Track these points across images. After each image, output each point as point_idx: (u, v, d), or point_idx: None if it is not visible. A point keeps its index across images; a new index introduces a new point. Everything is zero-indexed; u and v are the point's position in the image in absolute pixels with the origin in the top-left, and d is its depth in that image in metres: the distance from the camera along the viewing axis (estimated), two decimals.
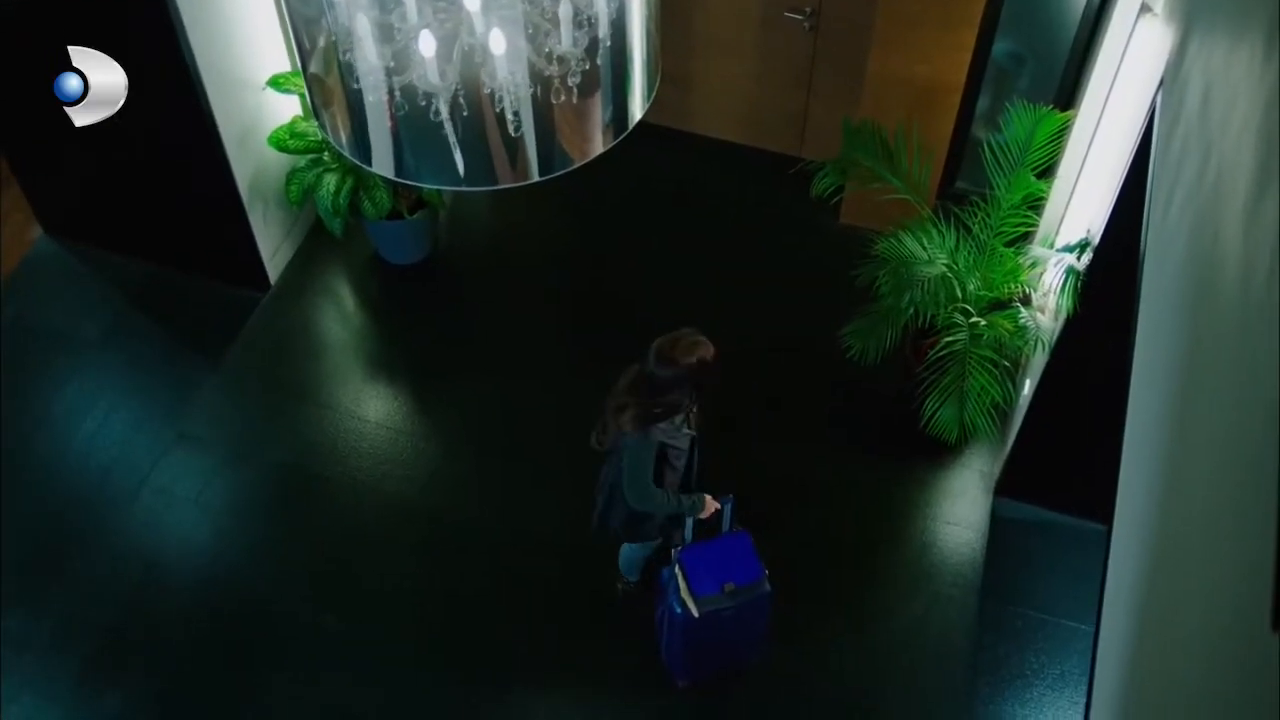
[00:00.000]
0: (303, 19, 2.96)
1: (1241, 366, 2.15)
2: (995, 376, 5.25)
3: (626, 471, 4.55)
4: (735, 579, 4.82)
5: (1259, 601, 1.66)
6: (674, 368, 4.39)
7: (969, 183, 6.38)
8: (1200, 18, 3.50)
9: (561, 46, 2.68)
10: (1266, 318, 1.97)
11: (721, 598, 4.80)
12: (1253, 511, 1.83)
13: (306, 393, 6.25)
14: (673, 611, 4.91)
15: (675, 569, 4.89)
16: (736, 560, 4.87)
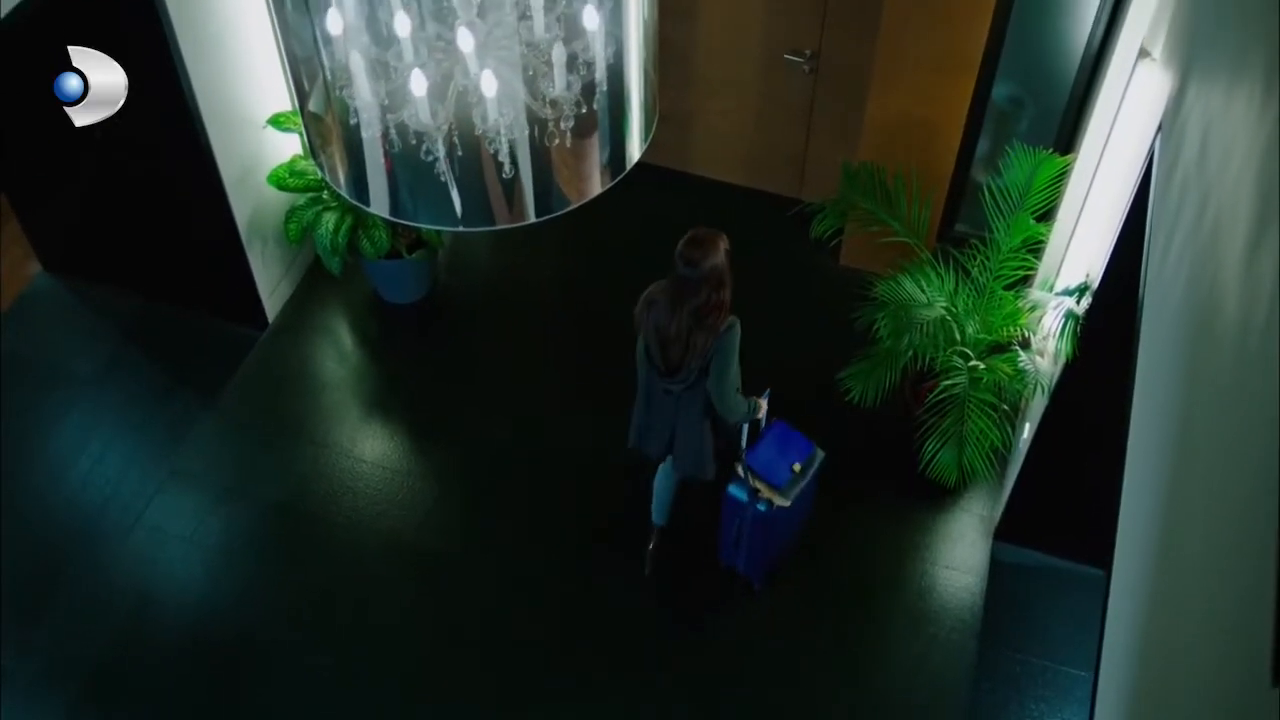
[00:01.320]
0: (299, 56, 2.97)
1: (1240, 411, 2.14)
2: (994, 420, 5.23)
3: (719, 376, 4.75)
4: (797, 459, 5.27)
5: (1259, 653, 1.64)
6: (714, 257, 4.62)
7: (969, 225, 6.39)
8: (1198, 63, 3.51)
9: (555, 90, 2.68)
10: (1264, 363, 1.96)
11: (797, 479, 5.24)
12: (1252, 558, 1.81)
13: (302, 431, 6.23)
14: (757, 516, 5.26)
15: (746, 478, 5.21)
16: (788, 445, 5.31)
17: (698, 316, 4.68)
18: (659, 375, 4.93)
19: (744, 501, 5.27)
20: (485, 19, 2.70)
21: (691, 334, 4.71)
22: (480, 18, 2.70)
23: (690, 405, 4.93)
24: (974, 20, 5.48)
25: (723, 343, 4.70)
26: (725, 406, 4.86)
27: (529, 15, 2.68)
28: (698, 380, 4.84)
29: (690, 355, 4.76)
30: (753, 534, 5.36)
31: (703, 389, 4.87)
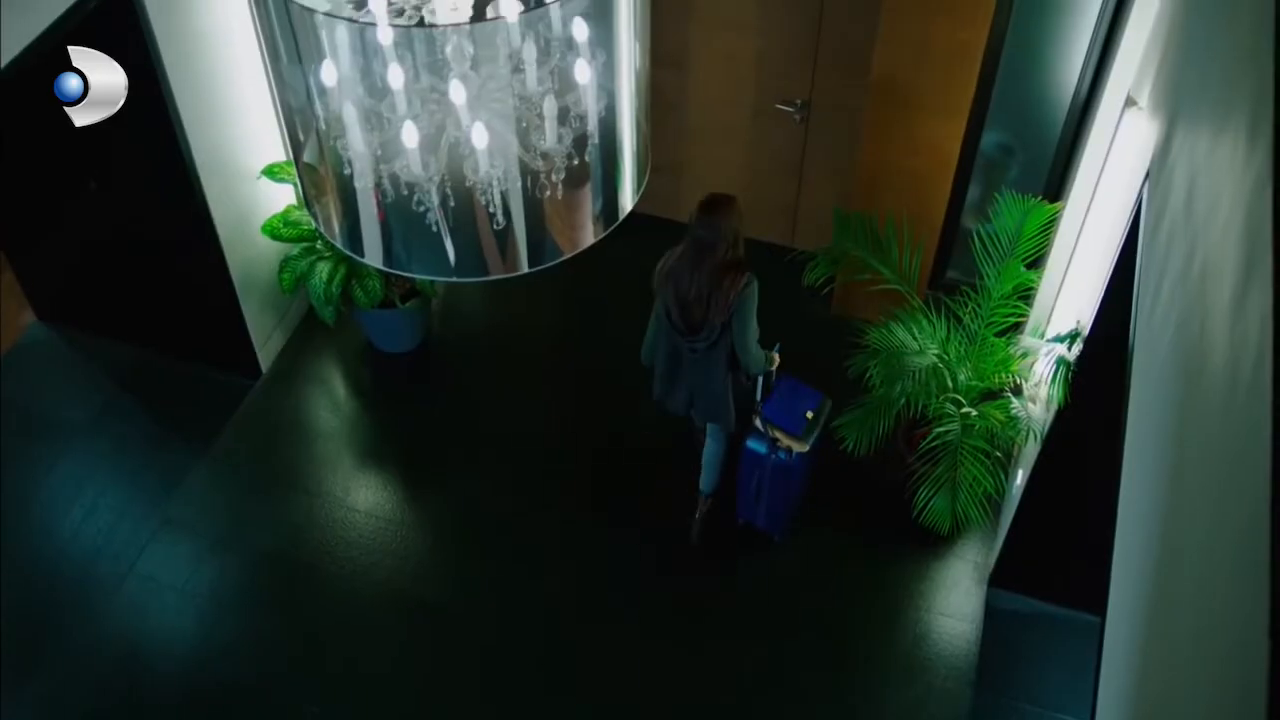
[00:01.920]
0: (294, 107, 2.99)
1: (1230, 457, 2.14)
2: (987, 467, 5.23)
3: (742, 331, 5.05)
4: (809, 408, 5.52)
5: (1254, 700, 1.64)
6: (728, 219, 4.95)
7: (959, 272, 6.41)
8: (1184, 112, 3.54)
9: (547, 143, 2.71)
10: (1253, 410, 1.97)
11: (812, 425, 5.49)
12: (1245, 604, 1.81)
13: (296, 480, 6.22)
14: (777, 465, 5.56)
15: (765, 429, 5.50)
16: (798, 396, 5.57)
17: (716, 276, 4.97)
18: (681, 336, 5.18)
19: (764, 453, 5.55)
20: (479, 71, 2.73)
21: (712, 294, 4.99)
22: (474, 70, 2.73)
23: (714, 362, 5.21)
24: (963, 69, 5.53)
25: (743, 299, 4.98)
26: (749, 359, 5.17)
27: (522, 68, 2.71)
28: (720, 338, 5.11)
29: (712, 314, 5.03)
30: (773, 485, 5.65)
31: (724, 346, 5.14)
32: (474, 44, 2.72)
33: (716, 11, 6.26)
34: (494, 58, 2.73)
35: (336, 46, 2.78)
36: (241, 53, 5.75)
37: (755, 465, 5.63)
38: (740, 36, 6.31)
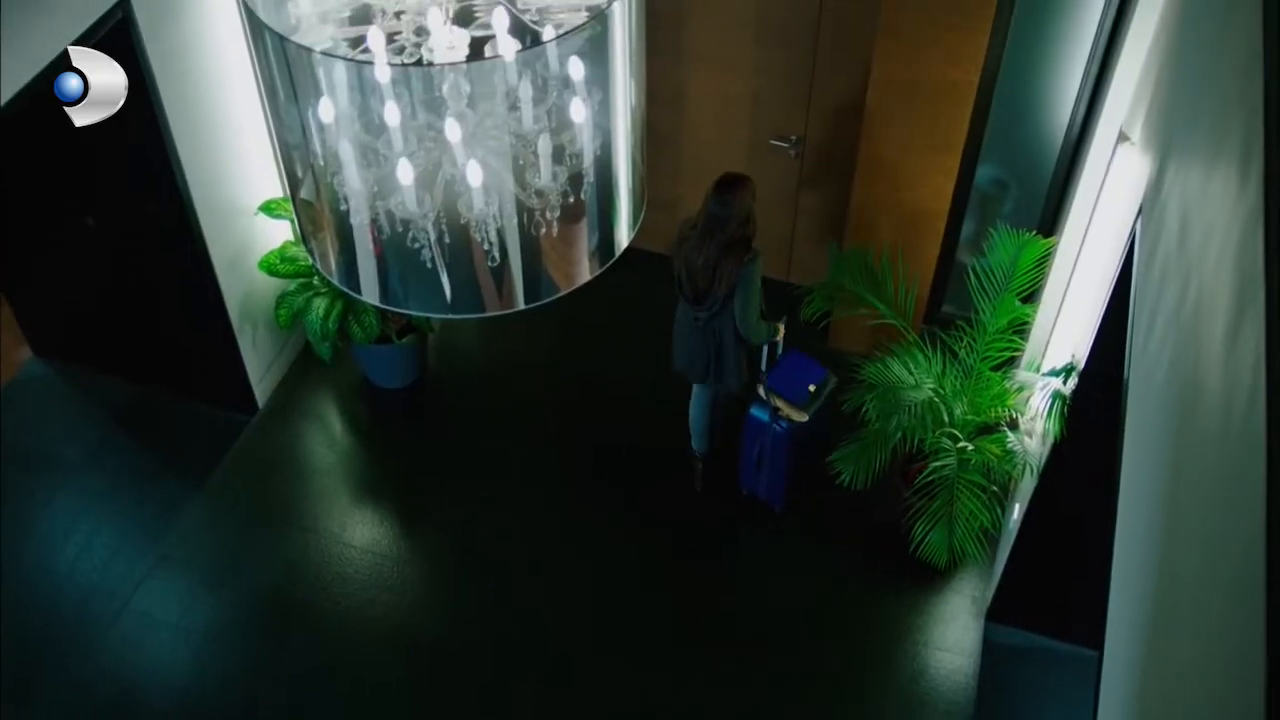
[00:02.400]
0: (290, 143, 3.00)
1: (1224, 492, 2.15)
2: (984, 501, 5.23)
3: (744, 303, 5.33)
4: (813, 381, 5.74)
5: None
6: (742, 197, 5.26)
7: (955, 306, 6.43)
8: (1176, 147, 3.57)
9: (541, 181, 2.72)
10: (1248, 443, 1.97)
11: (814, 397, 5.71)
12: (1241, 638, 1.81)
13: (291, 516, 6.21)
14: (777, 434, 5.76)
15: (768, 398, 5.74)
16: (804, 369, 5.80)
17: (724, 249, 5.25)
18: (688, 303, 5.52)
19: (766, 421, 5.77)
20: (476, 109, 2.75)
21: (719, 264, 5.27)
22: (471, 108, 2.74)
23: (720, 329, 5.50)
24: (956, 106, 5.56)
25: (746, 272, 5.26)
26: (748, 329, 5.41)
27: (518, 106, 2.73)
28: (723, 307, 5.38)
29: (716, 284, 5.31)
30: (774, 454, 5.84)
31: (728, 315, 5.41)
32: (471, 82, 2.74)
33: (711, 51, 6.30)
34: (491, 95, 2.74)
35: (333, 84, 2.79)
36: (239, 89, 5.77)
37: (758, 433, 5.84)
38: (735, 75, 6.35)
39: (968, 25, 5.30)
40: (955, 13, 5.28)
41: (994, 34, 5.32)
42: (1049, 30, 5.44)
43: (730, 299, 5.35)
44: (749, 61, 6.26)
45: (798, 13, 6.03)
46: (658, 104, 6.16)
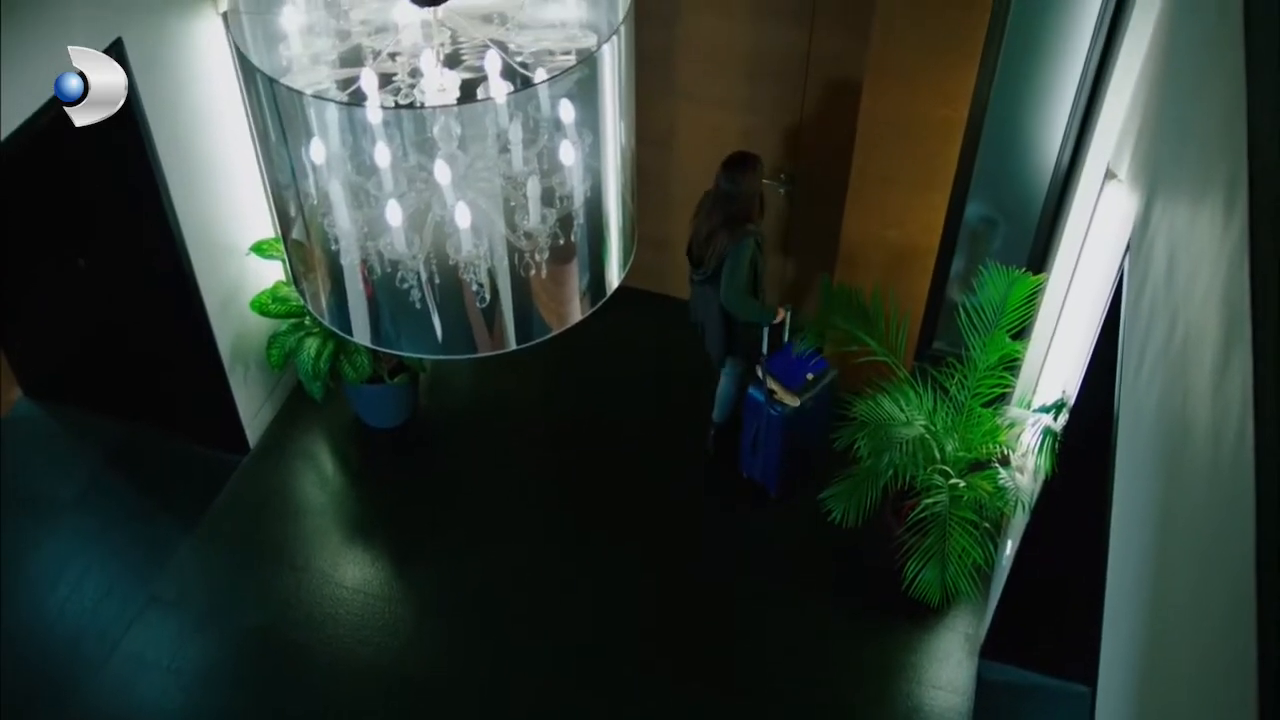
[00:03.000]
0: (281, 184, 3.01)
1: (1214, 529, 2.15)
2: (976, 538, 5.23)
3: (727, 277, 5.65)
4: (812, 371, 6.00)
5: None
6: (749, 177, 5.57)
7: (945, 343, 6.44)
8: (1162, 185, 3.59)
9: (530, 223, 2.74)
10: (1237, 480, 1.98)
11: (809, 385, 5.97)
12: (1233, 672, 1.81)
13: (283, 557, 6.20)
14: (770, 418, 6.02)
15: (765, 380, 6.00)
16: (806, 358, 6.03)
17: (725, 222, 5.61)
18: (691, 266, 5.89)
19: (761, 402, 6.03)
20: (467, 150, 2.76)
21: (715, 234, 5.63)
22: (462, 149, 2.76)
23: (711, 296, 5.84)
24: (945, 144, 5.60)
25: (736, 247, 5.59)
26: (729, 300, 5.72)
27: (509, 149, 2.74)
28: (714, 277, 5.73)
29: (710, 252, 5.68)
30: (768, 437, 6.09)
31: (716, 287, 5.74)
32: (461, 124, 2.75)
33: (700, 89, 6.35)
34: (482, 137, 2.76)
35: (325, 125, 2.81)
36: (231, 130, 5.80)
37: (754, 414, 6.12)
38: (725, 113, 6.39)
39: (955, 63, 5.34)
40: (943, 51, 5.32)
41: (981, 72, 5.36)
42: (1036, 68, 5.48)
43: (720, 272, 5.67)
44: (738, 100, 6.30)
45: (787, 51, 6.08)
46: (647, 142, 6.19)
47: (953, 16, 5.22)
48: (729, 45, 6.17)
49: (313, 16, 2.97)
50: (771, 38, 6.08)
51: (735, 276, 5.66)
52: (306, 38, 2.93)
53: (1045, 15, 5.35)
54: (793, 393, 5.96)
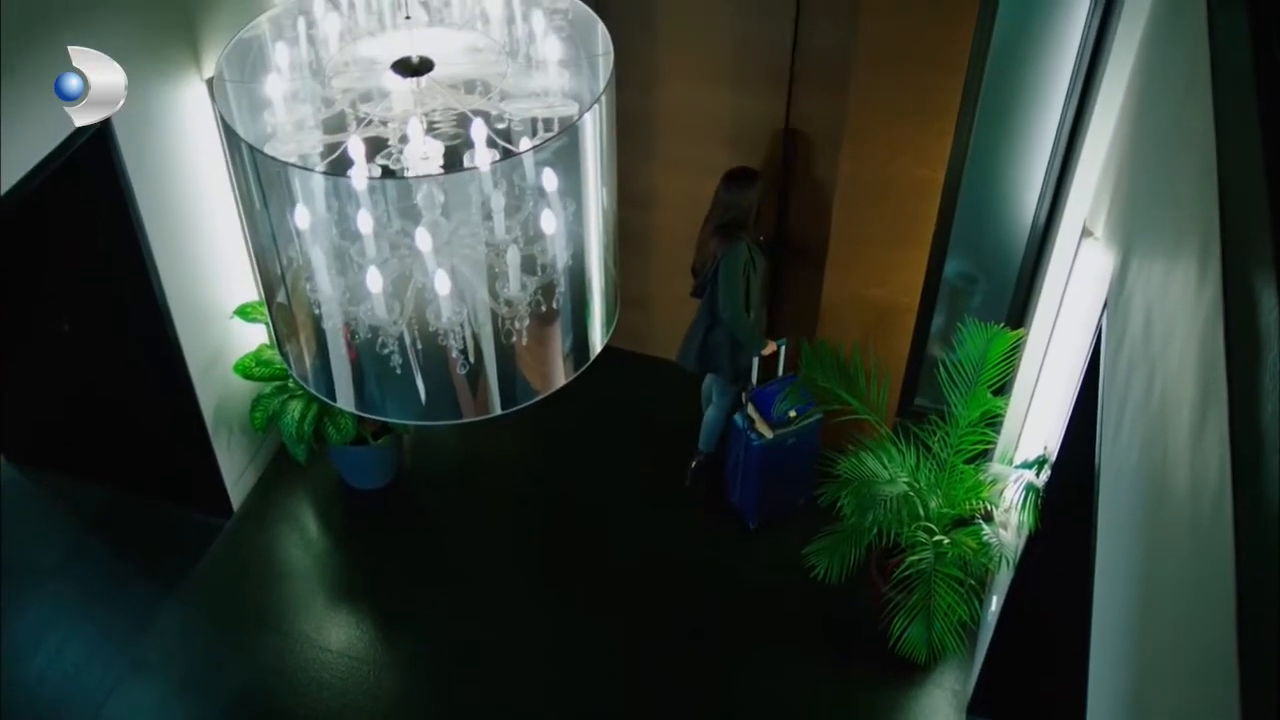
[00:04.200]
0: (265, 249, 3.03)
1: (1195, 585, 2.17)
2: (961, 594, 5.24)
3: (723, 284, 5.78)
4: (797, 409, 6.01)
5: None
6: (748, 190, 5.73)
7: (927, 399, 6.48)
8: (1138, 244, 3.64)
9: (510, 291, 2.76)
10: (1217, 536, 2.00)
11: (788, 423, 6.02)
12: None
13: (267, 620, 6.16)
14: (749, 446, 6.11)
15: (748, 409, 6.12)
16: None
17: (720, 229, 5.77)
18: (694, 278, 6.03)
19: (742, 428, 6.16)
20: (451, 218, 2.79)
21: (709, 241, 5.81)
22: (445, 216, 2.78)
23: (702, 309, 6.01)
24: (924, 202, 5.66)
25: (730, 251, 5.72)
26: (725, 309, 5.84)
27: (492, 216, 2.77)
28: (710, 288, 5.87)
29: (704, 259, 5.85)
30: (747, 465, 6.20)
31: (709, 297, 5.90)
32: (445, 191, 2.78)
33: (681, 153, 6.41)
34: (466, 204, 2.79)
35: (309, 192, 2.83)
36: (214, 194, 5.83)
37: (736, 440, 6.29)
38: (705, 176, 6.41)
39: (932, 126, 5.41)
40: (919, 115, 5.40)
41: (957, 134, 5.43)
42: (1011, 130, 5.56)
43: (712, 283, 5.83)
44: (718, 164, 6.34)
45: (765, 116, 6.14)
46: (628, 204, 6.23)
47: (928, 82, 5.31)
48: (706, 112, 6.24)
49: (297, 83, 3.00)
50: (750, 105, 6.15)
51: (731, 284, 5.78)
52: (290, 104, 2.96)
53: (1018, 78, 5.44)
54: (770, 425, 6.05)
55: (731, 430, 6.32)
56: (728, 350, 6.06)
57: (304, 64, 3.04)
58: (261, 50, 3.03)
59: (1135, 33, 4.50)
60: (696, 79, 6.17)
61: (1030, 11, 5.29)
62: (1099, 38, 4.95)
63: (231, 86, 2.94)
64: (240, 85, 2.97)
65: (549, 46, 2.91)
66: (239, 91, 2.97)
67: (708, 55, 6.09)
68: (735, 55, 6.05)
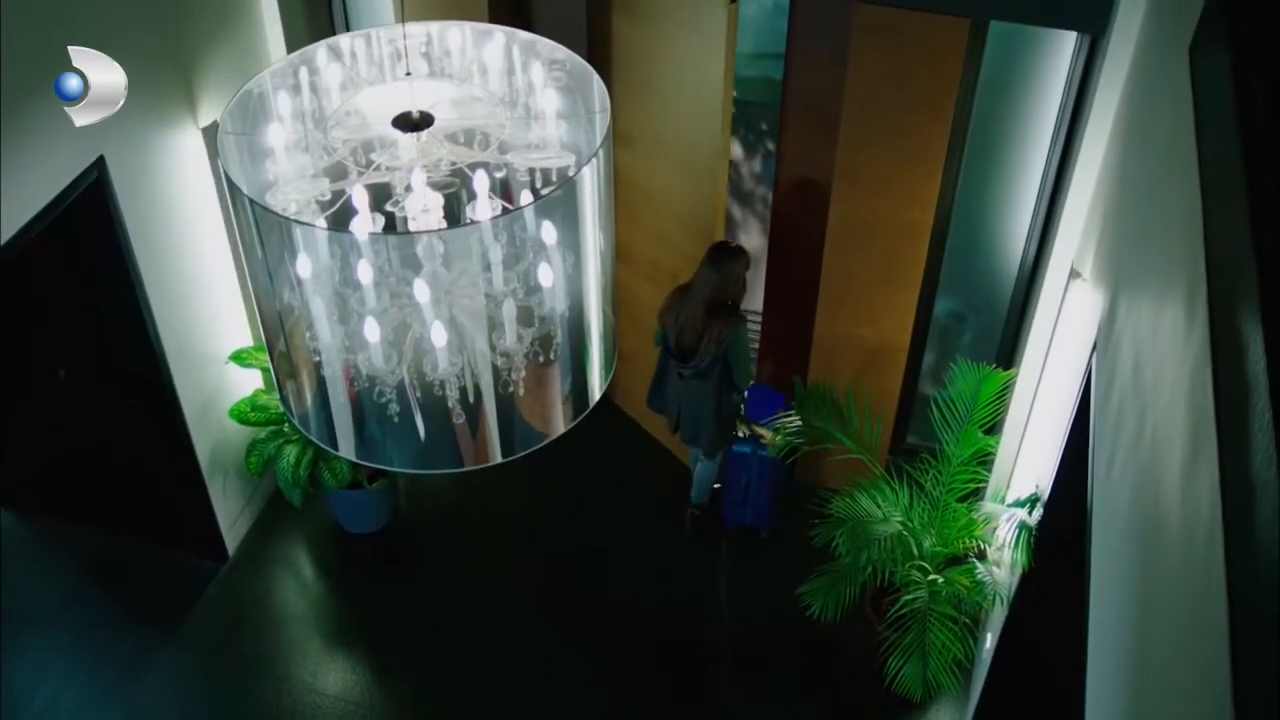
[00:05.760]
0: (264, 298, 3.05)
1: (1190, 622, 2.19)
2: (956, 633, 5.26)
3: (737, 360, 5.84)
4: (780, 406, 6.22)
5: None
6: (735, 263, 5.69)
7: (919, 437, 6.51)
8: (1125, 286, 3.68)
9: (506, 343, 2.80)
10: (1210, 575, 2.02)
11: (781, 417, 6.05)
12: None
13: (263, 665, 6.15)
14: (763, 463, 6.31)
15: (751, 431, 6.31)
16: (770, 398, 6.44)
17: (709, 308, 5.71)
18: (674, 360, 5.94)
19: (749, 453, 6.32)
20: (451, 268, 2.82)
21: (707, 324, 5.73)
22: (446, 266, 2.82)
23: (704, 390, 5.95)
24: (913, 242, 5.71)
25: (734, 336, 5.76)
26: (743, 383, 6.01)
27: (491, 267, 2.81)
28: (709, 369, 5.84)
29: (706, 343, 5.76)
30: (760, 482, 6.41)
31: (714, 377, 5.88)
32: (445, 242, 2.82)
33: (648, 219, 6.37)
34: (466, 254, 2.83)
35: (310, 242, 2.85)
36: (210, 240, 5.86)
37: (743, 468, 6.39)
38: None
39: (920, 169, 5.48)
40: (908, 158, 5.47)
41: (945, 176, 5.50)
42: (998, 171, 5.63)
43: (717, 362, 5.81)
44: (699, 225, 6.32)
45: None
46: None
47: (916, 125, 5.38)
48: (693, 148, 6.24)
49: (299, 132, 3.04)
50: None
51: (743, 360, 5.88)
52: (293, 153, 3.00)
53: (1005, 121, 5.51)
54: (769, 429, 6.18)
55: (734, 463, 6.40)
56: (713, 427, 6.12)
57: (306, 113, 3.08)
58: (263, 100, 3.07)
59: (1119, 75, 4.56)
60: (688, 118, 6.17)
61: (1015, 55, 5.37)
62: (1083, 80, 5.02)
63: (234, 139, 2.97)
64: (242, 136, 3.01)
65: (547, 99, 2.96)
66: (241, 141, 3.00)
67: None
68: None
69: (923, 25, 5.11)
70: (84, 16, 4.70)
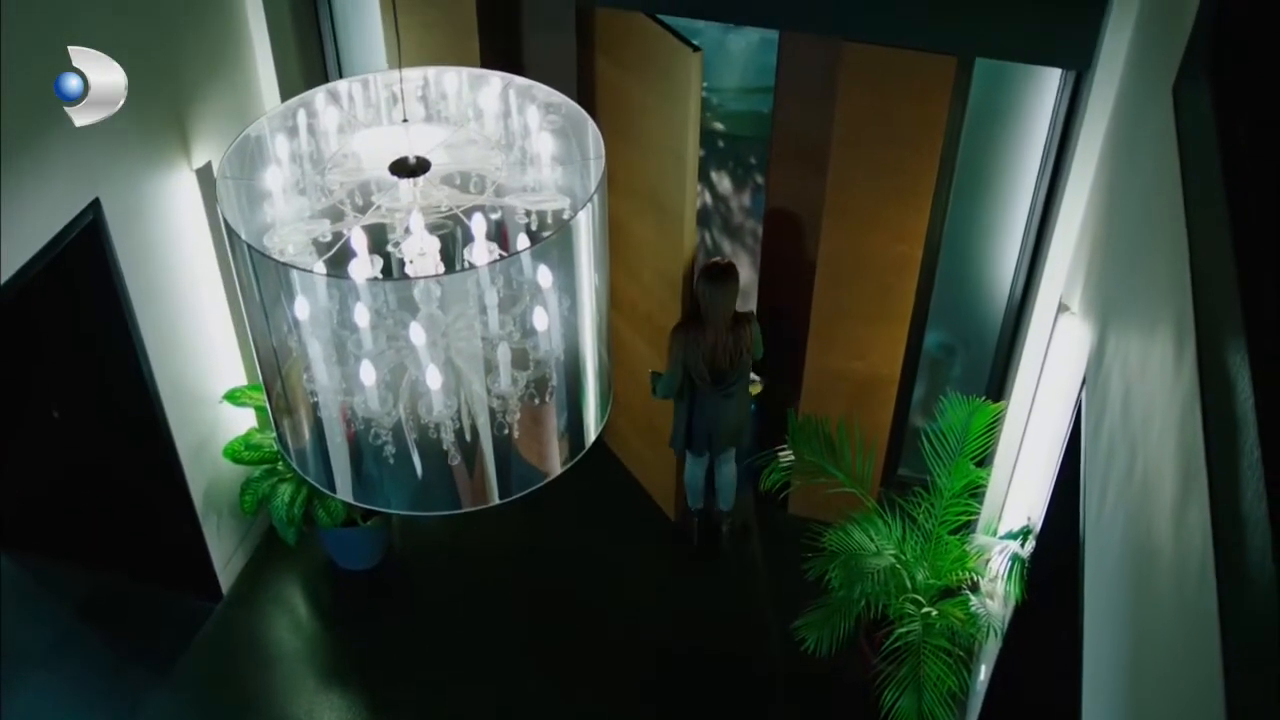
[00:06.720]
0: (262, 340, 3.07)
1: (1183, 656, 2.21)
2: (950, 665, 5.26)
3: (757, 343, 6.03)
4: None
5: None
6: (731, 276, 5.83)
7: (910, 469, 6.54)
8: (1114, 321, 3.70)
9: (501, 386, 2.82)
10: (1202, 610, 2.04)
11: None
12: None
13: (258, 704, 6.14)
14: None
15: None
16: None
17: (730, 323, 5.90)
18: (714, 386, 6.02)
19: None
20: (448, 311, 2.85)
21: (736, 342, 5.93)
22: (442, 309, 2.85)
23: (741, 391, 6.14)
24: (902, 276, 5.75)
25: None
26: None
27: (487, 310, 2.83)
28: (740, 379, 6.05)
29: (740, 357, 5.97)
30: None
31: (746, 376, 6.09)
32: (441, 285, 2.85)
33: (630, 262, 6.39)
34: (463, 297, 2.85)
35: (307, 285, 2.88)
36: (204, 281, 5.88)
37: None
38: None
39: (909, 204, 5.53)
40: (896, 193, 5.51)
41: (934, 211, 5.55)
42: (985, 206, 5.67)
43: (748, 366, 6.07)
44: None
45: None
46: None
47: (904, 160, 5.43)
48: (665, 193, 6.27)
49: (297, 174, 3.07)
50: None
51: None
52: (289, 195, 3.02)
53: (992, 155, 5.56)
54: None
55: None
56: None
57: (304, 155, 3.11)
58: (260, 143, 3.09)
59: (1104, 110, 4.61)
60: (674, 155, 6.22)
61: (1002, 90, 5.42)
62: (1069, 115, 5.07)
63: (231, 183, 3.00)
64: (240, 180, 3.04)
65: (542, 142, 3.00)
66: (239, 185, 3.03)
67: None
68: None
69: (910, 63, 5.17)
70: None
